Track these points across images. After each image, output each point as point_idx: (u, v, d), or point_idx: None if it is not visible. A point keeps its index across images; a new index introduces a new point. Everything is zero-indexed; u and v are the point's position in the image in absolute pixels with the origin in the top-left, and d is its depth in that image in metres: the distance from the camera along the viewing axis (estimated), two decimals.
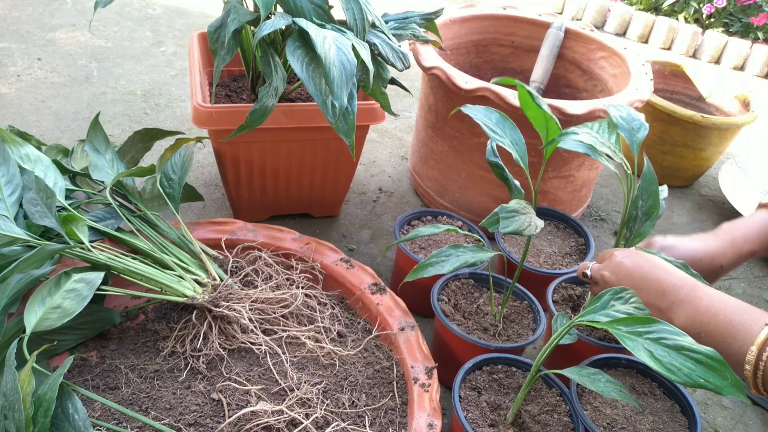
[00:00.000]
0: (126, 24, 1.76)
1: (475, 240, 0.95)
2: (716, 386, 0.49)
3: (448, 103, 1.04)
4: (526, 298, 0.85)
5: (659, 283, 0.65)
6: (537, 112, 0.68)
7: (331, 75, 0.73)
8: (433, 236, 0.96)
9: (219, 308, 0.76)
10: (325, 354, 0.78)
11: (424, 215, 1.00)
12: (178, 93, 1.46)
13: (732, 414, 0.89)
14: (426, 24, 1.07)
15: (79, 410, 0.61)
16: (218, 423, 0.68)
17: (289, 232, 0.93)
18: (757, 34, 2.28)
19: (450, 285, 0.86)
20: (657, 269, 0.67)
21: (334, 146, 0.98)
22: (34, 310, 0.67)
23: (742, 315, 0.58)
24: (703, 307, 0.61)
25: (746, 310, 0.58)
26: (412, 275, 0.71)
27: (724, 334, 0.58)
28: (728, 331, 0.58)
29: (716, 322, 0.59)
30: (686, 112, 1.26)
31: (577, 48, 1.22)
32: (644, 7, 2.41)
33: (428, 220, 1.00)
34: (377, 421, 0.72)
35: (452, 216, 1.00)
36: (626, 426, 0.70)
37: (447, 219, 1.00)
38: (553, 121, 0.68)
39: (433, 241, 0.96)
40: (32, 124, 1.26)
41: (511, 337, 0.80)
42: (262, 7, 0.78)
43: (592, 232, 1.20)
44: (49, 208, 0.78)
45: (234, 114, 0.89)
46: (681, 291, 0.64)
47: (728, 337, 0.57)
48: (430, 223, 0.99)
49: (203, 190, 1.15)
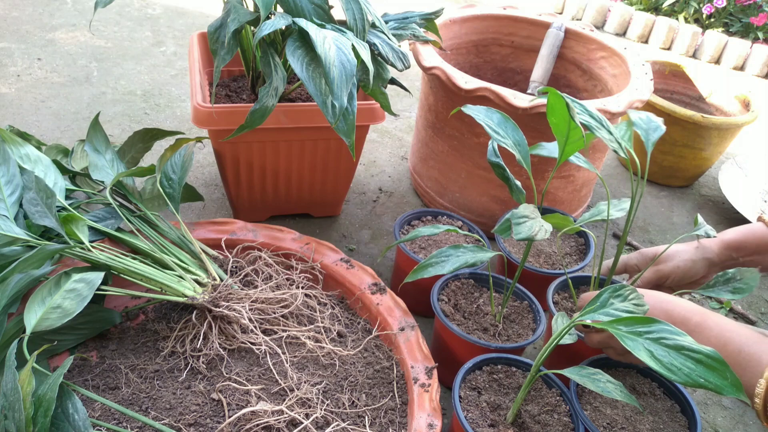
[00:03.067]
0: (126, 24, 1.76)
1: (475, 240, 0.95)
2: (716, 386, 0.49)
3: (448, 103, 1.04)
4: (526, 298, 0.85)
5: (667, 315, 0.65)
6: (561, 120, 0.67)
7: (331, 75, 0.73)
8: (433, 236, 0.96)
9: (219, 308, 0.76)
10: (325, 354, 0.78)
11: (424, 215, 1.00)
12: (178, 93, 1.46)
13: (732, 414, 0.89)
14: (426, 24, 1.07)
15: (79, 410, 0.61)
16: (218, 423, 0.68)
17: (289, 232, 0.93)
18: (757, 34, 2.28)
19: (450, 285, 0.86)
20: (663, 303, 0.66)
21: (334, 146, 0.98)
22: (34, 310, 0.67)
23: (752, 346, 0.57)
24: (713, 337, 0.60)
25: (757, 341, 0.57)
26: (412, 275, 0.71)
27: (734, 365, 0.56)
28: (738, 362, 0.56)
29: (726, 352, 0.58)
30: (686, 112, 1.26)
31: (577, 48, 1.22)
32: (644, 7, 2.41)
33: (428, 220, 1.00)
34: (377, 421, 0.72)
35: (452, 216, 1.00)
36: (626, 426, 0.70)
37: (447, 219, 1.00)
38: (578, 132, 0.67)
39: (433, 241, 0.96)
40: (32, 124, 1.26)
41: (511, 337, 0.80)
42: (262, 7, 0.78)
43: (592, 232, 1.20)
44: (49, 208, 0.78)
45: (234, 114, 0.89)
46: (690, 321, 0.63)
47: (738, 368, 0.56)
48: (430, 223, 0.99)
49: (203, 190, 1.15)
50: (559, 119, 0.67)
